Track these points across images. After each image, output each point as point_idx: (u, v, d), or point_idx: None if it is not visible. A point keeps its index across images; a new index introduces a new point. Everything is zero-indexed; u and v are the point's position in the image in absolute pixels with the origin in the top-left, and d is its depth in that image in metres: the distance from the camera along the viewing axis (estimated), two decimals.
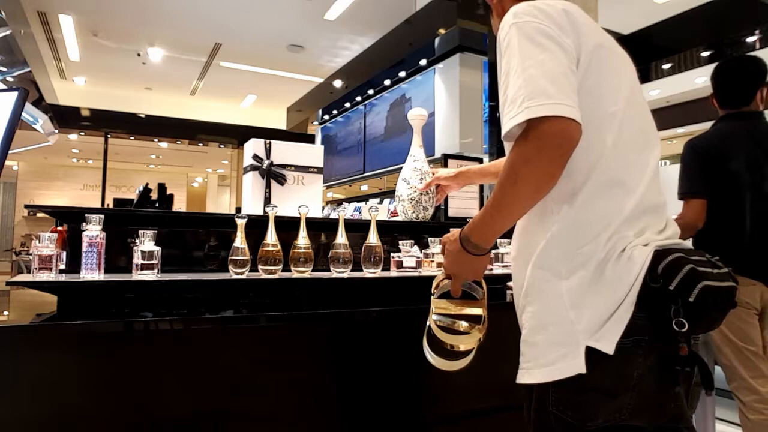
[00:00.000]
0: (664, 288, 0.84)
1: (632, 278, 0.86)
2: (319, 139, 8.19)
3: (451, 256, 1.02)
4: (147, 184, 3.90)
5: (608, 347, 0.85)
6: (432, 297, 1.09)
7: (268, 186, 1.86)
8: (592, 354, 0.86)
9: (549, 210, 0.95)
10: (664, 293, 0.84)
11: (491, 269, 1.83)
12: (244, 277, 1.44)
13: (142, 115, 9.32)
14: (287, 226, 1.58)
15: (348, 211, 5.30)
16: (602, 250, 0.89)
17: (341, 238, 1.60)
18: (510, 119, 0.88)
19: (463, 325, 1.07)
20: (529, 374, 0.93)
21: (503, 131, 0.91)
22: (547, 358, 0.90)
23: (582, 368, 0.85)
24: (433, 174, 1.97)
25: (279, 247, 1.50)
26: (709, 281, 0.83)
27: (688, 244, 0.98)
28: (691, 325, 0.83)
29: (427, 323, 1.09)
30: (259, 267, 1.49)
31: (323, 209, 2.96)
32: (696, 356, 0.86)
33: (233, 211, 2.52)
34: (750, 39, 4.65)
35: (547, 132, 0.84)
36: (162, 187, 4.20)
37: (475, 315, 1.06)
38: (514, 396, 1.71)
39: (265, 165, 1.85)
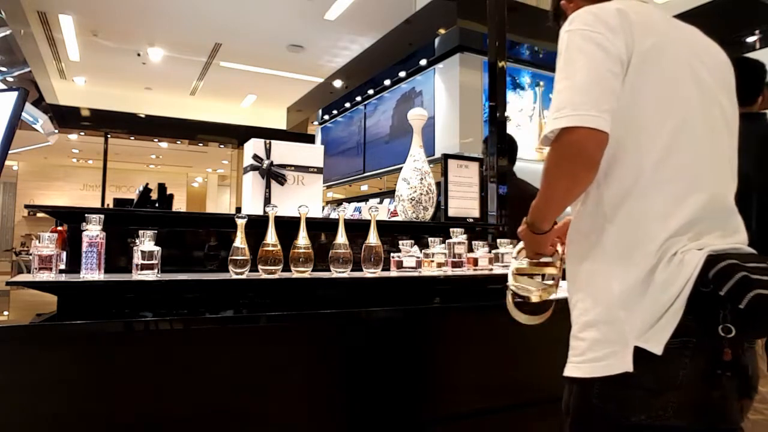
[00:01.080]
0: (714, 293, 0.85)
1: (683, 282, 0.88)
2: (319, 139, 8.19)
3: (522, 234, 1.15)
4: (147, 184, 3.90)
5: (657, 348, 0.87)
6: (512, 258, 1.28)
7: (268, 186, 1.86)
8: (639, 352, 0.88)
9: (603, 210, 0.98)
10: (714, 298, 0.85)
11: (491, 269, 1.83)
12: (244, 277, 1.44)
13: (142, 115, 9.32)
14: (287, 226, 1.58)
15: (348, 211, 5.30)
16: (655, 252, 0.91)
17: (341, 238, 1.60)
18: (544, 129, 0.96)
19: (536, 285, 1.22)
20: (577, 368, 0.96)
21: (540, 140, 0.98)
22: (595, 354, 0.93)
23: (629, 367, 0.88)
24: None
25: (279, 247, 1.50)
26: (762, 289, 0.83)
27: (750, 249, 0.97)
28: (740, 331, 0.84)
29: (507, 282, 1.24)
30: (259, 267, 1.49)
31: (323, 209, 2.96)
32: (735, 363, 0.87)
33: (233, 211, 2.53)
34: (750, 39, 4.65)
35: (566, 141, 0.91)
36: (162, 187, 4.20)
37: (550, 274, 1.22)
38: (516, 396, 1.71)
39: (265, 165, 1.85)
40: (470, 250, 1.84)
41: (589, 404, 0.94)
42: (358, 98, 6.73)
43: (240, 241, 1.45)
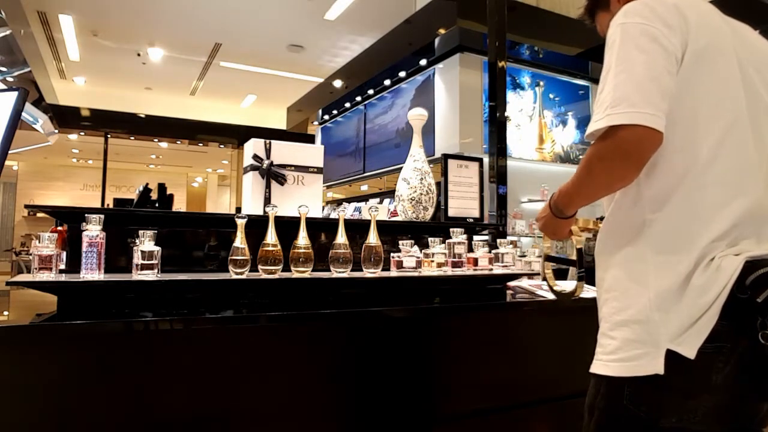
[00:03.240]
0: (752, 300, 0.85)
1: (719, 287, 0.87)
2: (319, 139, 8.19)
3: (541, 218, 1.17)
4: (147, 184, 3.90)
5: (690, 352, 0.87)
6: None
7: (268, 186, 1.86)
8: (671, 355, 0.88)
9: (642, 209, 0.96)
10: (752, 305, 0.85)
11: (491, 269, 1.83)
12: (244, 277, 1.44)
13: (142, 115, 9.32)
14: (287, 226, 1.58)
15: (348, 211, 5.30)
16: (693, 257, 0.90)
17: (341, 238, 1.60)
18: (594, 122, 0.92)
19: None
20: (606, 366, 0.95)
21: (587, 132, 0.95)
22: (626, 354, 0.92)
23: (660, 369, 0.87)
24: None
25: (279, 247, 1.50)
26: None
27: None
28: None
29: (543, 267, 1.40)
30: (259, 267, 1.49)
31: (323, 209, 2.97)
32: None
33: (233, 211, 2.53)
34: None
35: (623, 138, 0.88)
36: (162, 187, 4.20)
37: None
38: (516, 395, 1.71)
39: (265, 165, 1.85)
40: (470, 250, 1.84)
41: (619, 405, 0.93)
42: (358, 98, 6.72)
43: (240, 241, 1.45)
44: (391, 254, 1.75)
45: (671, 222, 0.93)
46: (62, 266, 1.42)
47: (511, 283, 1.99)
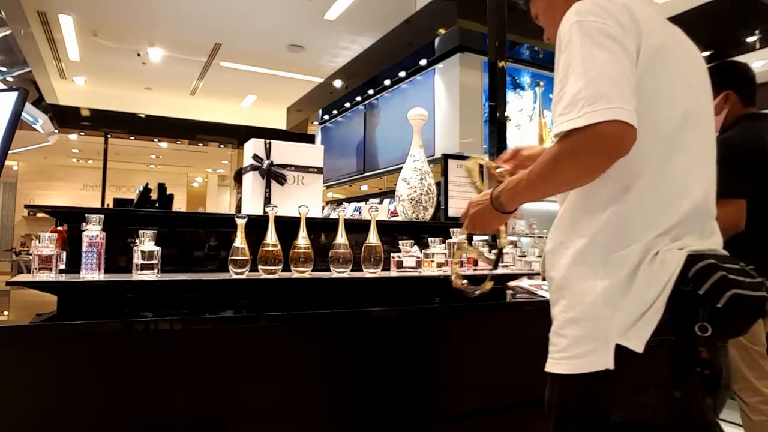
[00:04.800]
0: (694, 292, 0.86)
1: (664, 281, 0.89)
2: (319, 139, 8.19)
3: (476, 205, 1.12)
4: (147, 184, 3.90)
5: (638, 346, 0.88)
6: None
7: (268, 186, 1.86)
8: (620, 350, 0.89)
9: (594, 206, 0.97)
10: (693, 297, 0.86)
11: (490, 269, 1.82)
12: (244, 277, 1.44)
13: (142, 115, 9.32)
14: (287, 226, 1.58)
15: (348, 211, 5.30)
16: (640, 252, 0.92)
17: (341, 238, 1.60)
18: (567, 121, 0.89)
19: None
20: (558, 364, 0.96)
21: (555, 131, 0.92)
22: (577, 351, 0.93)
23: (610, 364, 0.89)
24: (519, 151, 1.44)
25: (279, 247, 1.50)
26: (739, 290, 0.85)
27: (724, 251, 0.98)
28: (716, 330, 0.85)
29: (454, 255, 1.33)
30: (259, 267, 1.49)
31: (323, 209, 2.96)
32: (710, 361, 0.88)
33: (233, 211, 2.53)
34: (750, 39, 4.65)
35: (602, 132, 0.86)
36: (162, 187, 4.20)
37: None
38: (516, 395, 1.71)
39: (265, 165, 1.85)
40: None
41: (570, 402, 0.95)
42: (358, 98, 6.72)
43: (240, 241, 1.45)
44: (391, 254, 1.75)
45: (621, 220, 0.94)
46: (62, 266, 1.42)
47: (511, 283, 1.99)
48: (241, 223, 1.47)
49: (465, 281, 1.26)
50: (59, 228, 2.92)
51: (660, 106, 0.95)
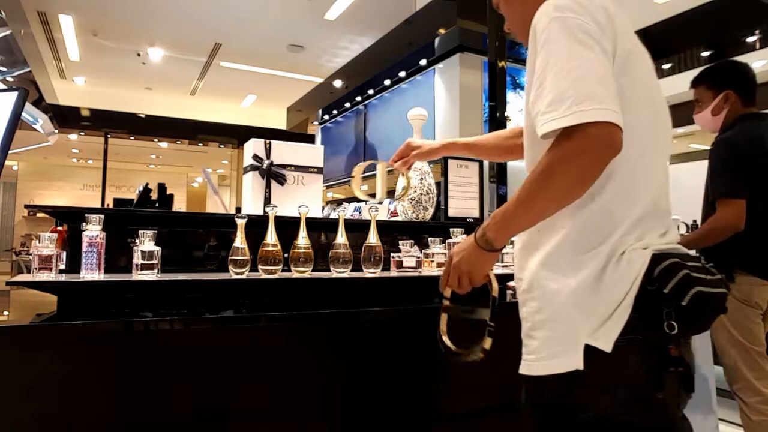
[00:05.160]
0: (659, 291, 0.87)
1: (630, 281, 0.90)
2: (319, 139, 8.19)
3: (460, 252, 1.04)
4: (147, 184, 3.89)
5: (606, 346, 0.88)
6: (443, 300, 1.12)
7: (268, 186, 1.86)
8: (590, 350, 0.90)
9: (564, 210, 0.95)
10: (659, 296, 0.87)
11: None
12: (244, 277, 1.44)
13: (142, 115, 9.32)
14: (287, 226, 1.58)
15: (348, 211, 5.29)
16: (607, 252, 0.92)
17: (341, 238, 1.60)
18: (554, 120, 0.86)
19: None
20: (529, 366, 0.97)
21: (543, 130, 0.88)
22: (548, 353, 0.94)
23: (580, 365, 0.89)
24: (410, 147, 1.64)
25: (279, 247, 1.50)
26: (701, 287, 0.86)
27: (685, 249, 0.99)
28: (682, 327, 0.87)
29: (440, 319, 1.13)
30: (259, 267, 1.49)
31: (323, 209, 2.96)
32: (681, 358, 0.89)
33: (233, 211, 2.53)
34: (750, 39, 4.65)
35: (594, 135, 0.84)
36: (162, 187, 4.19)
37: (482, 319, 1.07)
38: (516, 395, 1.71)
39: (265, 165, 1.85)
40: None
41: (544, 403, 0.95)
42: (358, 98, 6.72)
43: (240, 241, 1.45)
44: (391, 254, 1.75)
45: (589, 221, 0.94)
46: (62, 266, 1.42)
47: (511, 283, 1.99)
48: (241, 223, 1.47)
49: (453, 346, 1.11)
50: (59, 228, 2.92)
51: (633, 108, 0.95)
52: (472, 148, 1.59)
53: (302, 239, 1.54)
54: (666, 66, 5.23)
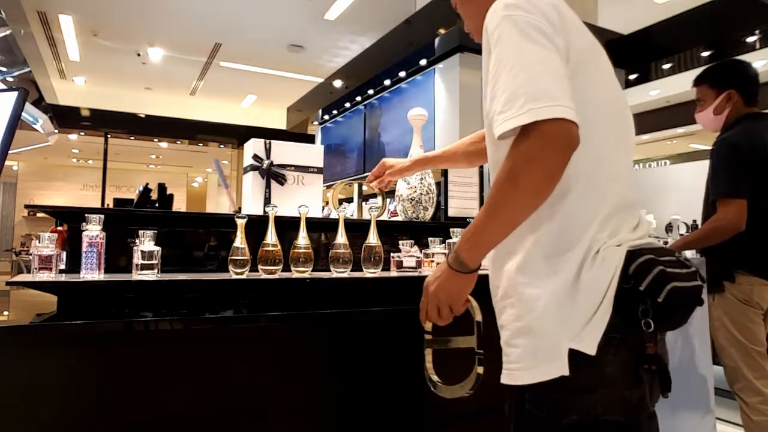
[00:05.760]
0: (635, 289, 0.86)
1: (607, 280, 0.88)
2: (319, 139, 8.19)
3: (434, 280, 1.00)
4: (147, 184, 3.89)
5: (590, 349, 0.86)
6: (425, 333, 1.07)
7: (268, 186, 1.86)
8: (573, 354, 0.87)
9: (535, 214, 0.93)
10: (635, 293, 0.86)
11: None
12: (244, 277, 1.44)
13: (142, 115, 9.32)
14: (287, 226, 1.58)
15: (348, 211, 5.29)
16: (581, 254, 0.90)
17: (341, 238, 1.60)
18: (510, 119, 0.84)
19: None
20: (512, 375, 0.94)
21: (499, 131, 0.87)
22: (531, 361, 0.91)
23: (565, 371, 0.87)
24: (385, 167, 1.79)
25: (279, 247, 1.50)
26: (677, 282, 0.85)
27: (659, 243, 0.99)
28: (658, 324, 0.86)
29: (425, 355, 1.10)
30: (259, 267, 1.49)
31: (323, 209, 2.96)
32: (658, 356, 0.88)
33: (231, 210, 2.53)
34: (750, 39, 4.66)
35: (551, 132, 0.83)
36: (162, 187, 4.19)
37: (469, 347, 1.03)
38: None
39: (265, 165, 1.85)
40: None
41: (524, 410, 0.93)
42: (358, 98, 6.72)
43: (240, 241, 1.45)
44: (391, 254, 1.75)
45: (561, 223, 0.92)
46: (62, 266, 1.42)
47: None
48: (241, 223, 1.47)
49: (441, 384, 1.09)
50: (59, 228, 2.92)
51: (591, 104, 0.94)
52: (440, 159, 1.66)
53: (302, 239, 1.54)
54: (666, 66, 5.24)
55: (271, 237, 1.50)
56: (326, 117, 7.81)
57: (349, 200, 7.03)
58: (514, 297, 0.94)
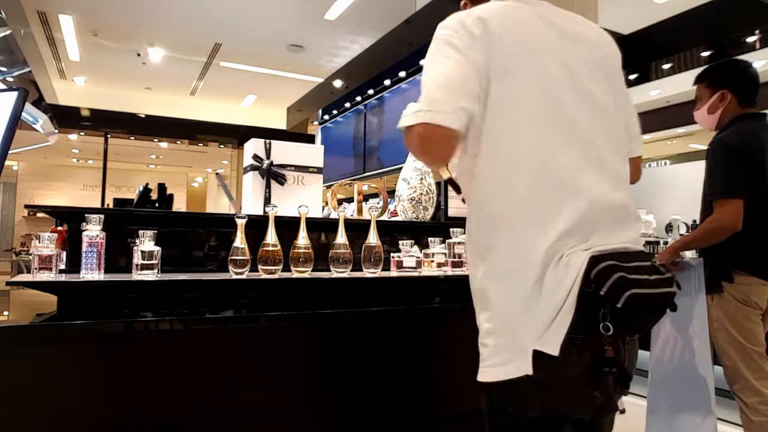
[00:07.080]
0: (596, 293, 0.89)
1: (570, 283, 0.92)
2: (319, 139, 8.19)
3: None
4: (147, 184, 3.89)
5: (553, 349, 0.91)
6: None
7: (268, 186, 1.86)
8: (537, 354, 0.92)
9: (489, 221, 1.01)
10: (595, 297, 0.89)
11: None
12: (244, 277, 1.44)
13: (142, 115, 9.32)
14: (287, 226, 1.58)
15: (348, 211, 5.29)
16: (540, 260, 0.95)
17: (341, 238, 1.60)
18: (404, 117, 1.02)
19: None
20: (483, 373, 1.00)
21: (398, 126, 1.03)
22: (499, 359, 0.97)
23: (529, 370, 0.92)
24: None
25: (279, 247, 1.50)
26: (638, 289, 0.88)
27: (635, 247, 1.00)
28: (617, 328, 0.89)
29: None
30: (259, 267, 1.49)
31: (323, 209, 2.96)
32: (615, 359, 0.91)
33: (233, 211, 2.53)
34: (750, 39, 4.65)
35: (413, 133, 0.99)
36: (162, 187, 4.19)
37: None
38: None
39: (265, 165, 1.85)
40: None
41: (493, 403, 0.99)
42: (358, 98, 6.73)
43: (240, 241, 1.45)
44: (391, 254, 1.75)
45: (513, 232, 0.98)
46: (62, 266, 1.42)
47: None
48: (241, 223, 1.47)
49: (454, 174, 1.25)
50: (59, 228, 2.92)
51: (524, 114, 0.99)
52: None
53: (302, 239, 1.54)
54: (666, 66, 5.24)
55: (271, 237, 1.50)
56: (326, 117, 7.81)
57: (349, 200, 7.03)
58: (485, 300, 1.02)
